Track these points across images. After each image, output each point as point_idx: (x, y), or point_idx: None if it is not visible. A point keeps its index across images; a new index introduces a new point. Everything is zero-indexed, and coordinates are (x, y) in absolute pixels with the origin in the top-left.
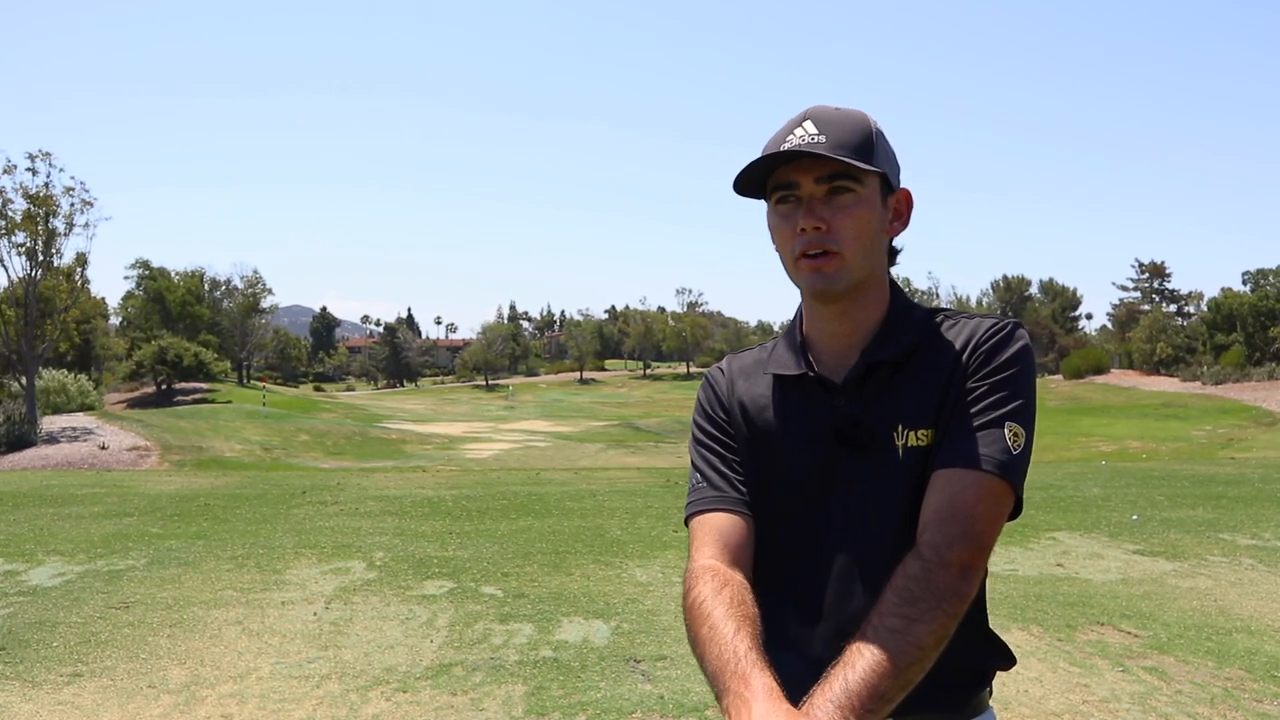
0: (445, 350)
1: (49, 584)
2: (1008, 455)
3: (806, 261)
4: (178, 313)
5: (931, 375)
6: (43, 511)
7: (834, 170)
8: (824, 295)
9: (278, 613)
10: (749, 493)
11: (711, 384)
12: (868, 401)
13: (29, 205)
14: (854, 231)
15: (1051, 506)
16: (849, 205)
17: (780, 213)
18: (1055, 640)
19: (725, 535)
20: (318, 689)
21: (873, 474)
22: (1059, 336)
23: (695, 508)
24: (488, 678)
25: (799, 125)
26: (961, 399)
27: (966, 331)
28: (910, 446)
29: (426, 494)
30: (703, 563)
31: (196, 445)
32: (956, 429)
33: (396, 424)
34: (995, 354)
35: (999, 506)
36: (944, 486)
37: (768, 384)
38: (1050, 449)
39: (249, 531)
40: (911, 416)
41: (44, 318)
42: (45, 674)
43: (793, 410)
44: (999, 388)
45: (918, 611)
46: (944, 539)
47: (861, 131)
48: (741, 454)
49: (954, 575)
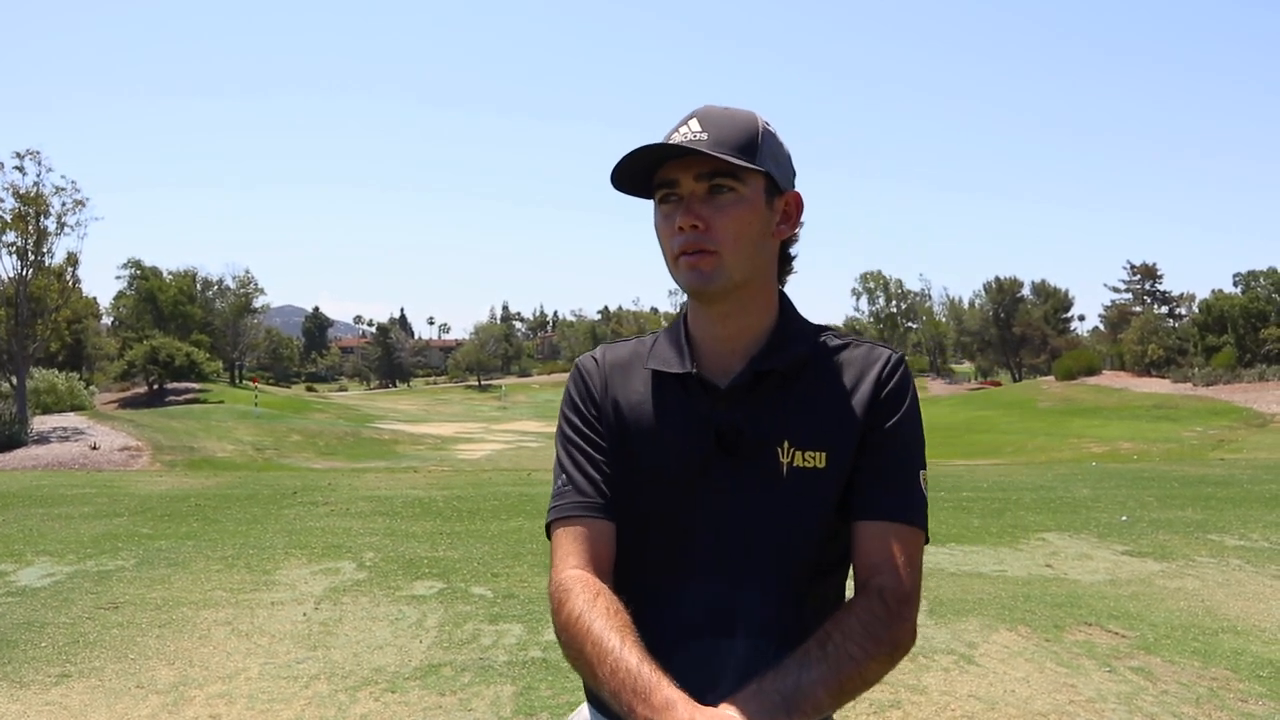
0: (438, 350)
1: (38, 584)
2: (925, 506)
3: (685, 260)
4: (169, 312)
5: (824, 396)
6: (32, 512)
7: (713, 168)
8: (701, 294)
9: (267, 613)
10: (616, 493)
11: (583, 375)
12: (753, 410)
13: (19, 204)
14: (733, 231)
15: (1041, 507)
16: (728, 205)
17: (662, 211)
18: (1043, 640)
19: (590, 544)
20: (306, 689)
21: (751, 486)
22: (1051, 338)
23: (559, 514)
24: (476, 678)
25: (684, 124)
26: (875, 442)
27: (861, 359)
28: (796, 466)
29: (417, 494)
30: (569, 574)
31: (188, 445)
32: (881, 478)
33: (389, 424)
34: (902, 396)
35: (921, 555)
36: (884, 536)
37: (645, 380)
38: (1042, 450)
39: (239, 532)
40: (800, 435)
41: (35, 317)
42: (33, 674)
43: (670, 409)
44: (909, 435)
45: (878, 650)
46: (902, 593)
47: (746, 130)
48: (611, 452)
49: (908, 632)
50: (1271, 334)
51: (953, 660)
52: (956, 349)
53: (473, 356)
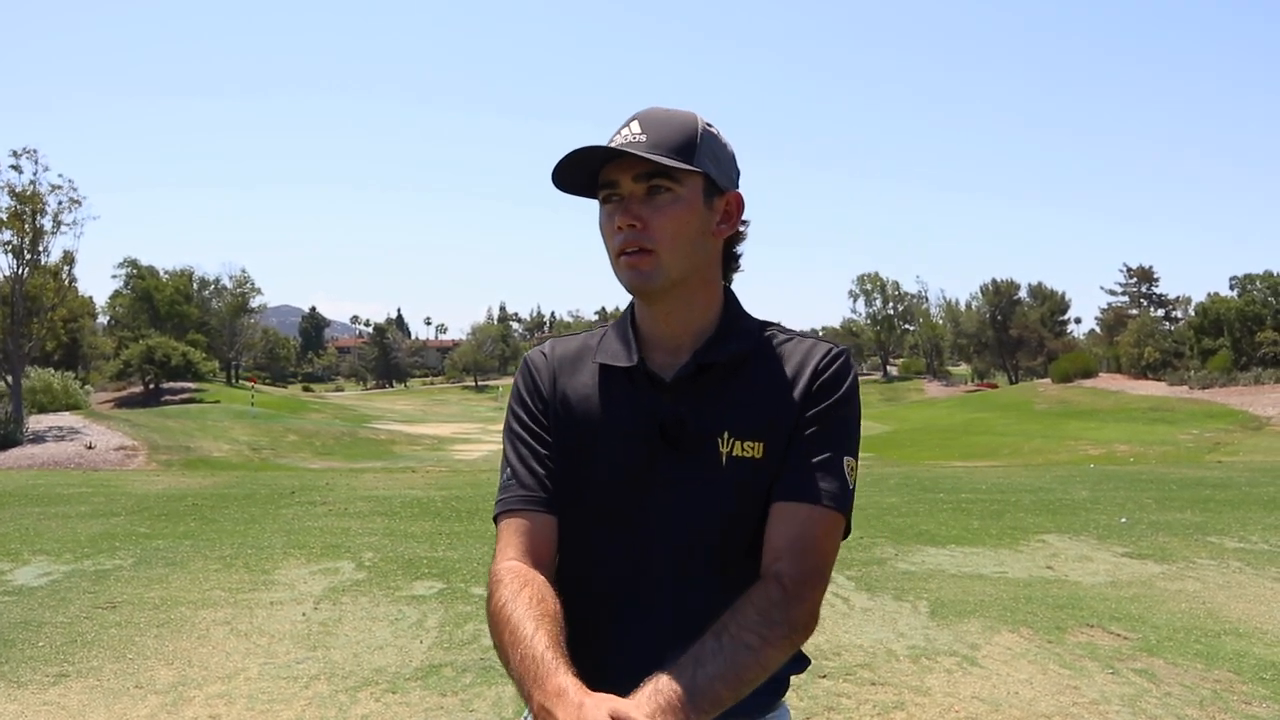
0: (435, 351)
1: (35, 583)
2: (846, 491)
3: (626, 259)
4: (166, 312)
5: (763, 388)
6: (29, 511)
7: (649, 169)
8: (641, 292)
9: (266, 613)
10: (564, 487)
11: (531, 370)
12: (696, 403)
13: (15, 203)
14: (670, 231)
15: (1040, 509)
16: (665, 204)
17: (605, 211)
18: (1045, 642)
19: (530, 537)
20: (306, 690)
21: (694, 477)
22: (1047, 340)
23: (502, 507)
24: (478, 679)
25: (625, 126)
26: (802, 429)
27: (801, 353)
28: (735, 456)
29: (416, 494)
30: (504, 564)
31: (184, 445)
32: (800, 462)
33: (385, 424)
34: (834, 386)
35: (837, 540)
36: (792, 518)
37: (593, 373)
38: (1038, 452)
39: (237, 532)
40: (739, 425)
41: (31, 316)
42: (31, 674)
43: (617, 403)
44: (839, 422)
45: (775, 636)
46: (801, 574)
47: (684, 132)
48: (557, 446)
49: (807, 612)
50: (1267, 337)
51: (955, 662)
52: (953, 351)
53: (470, 357)
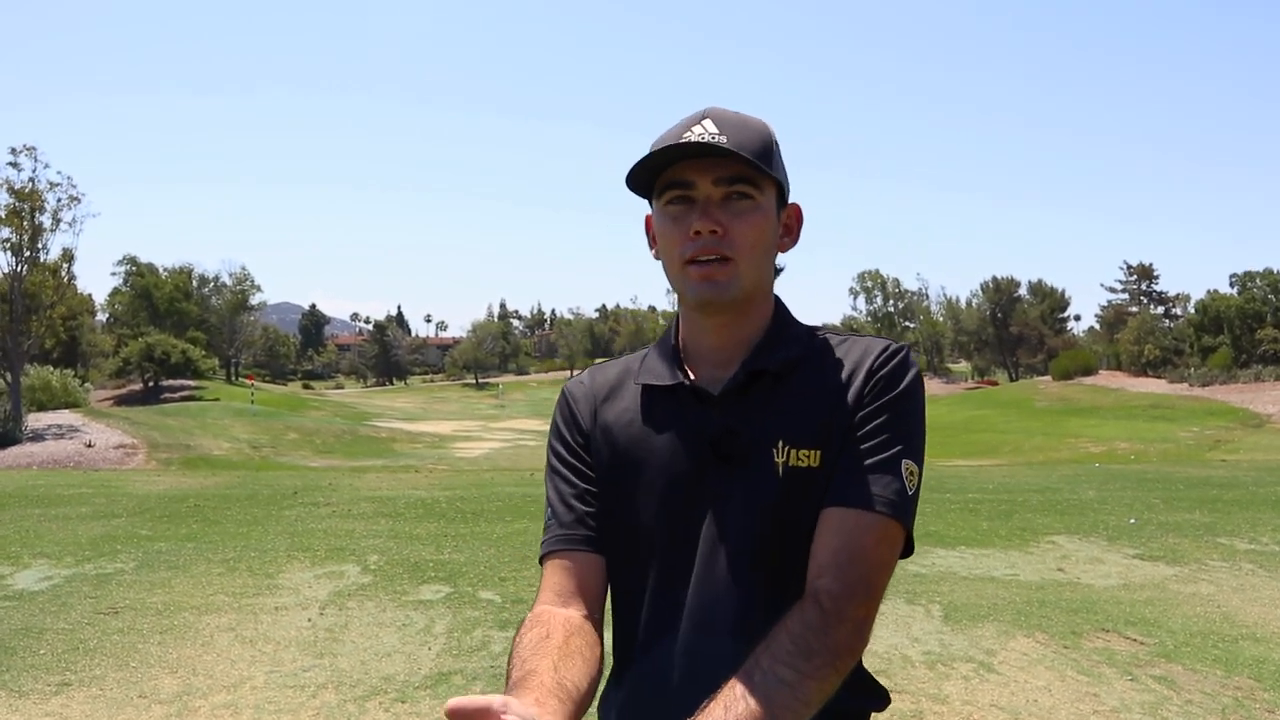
0: (435, 348)
1: (35, 588)
2: (903, 497)
3: (697, 268)
4: (165, 309)
5: (817, 392)
6: (28, 512)
7: (735, 173)
8: (711, 305)
9: (271, 619)
10: (611, 518)
11: (569, 401)
12: (746, 413)
13: (14, 200)
14: (750, 240)
15: (1049, 509)
16: (747, 212)
17: (670, 214)
18: (1061, 648)
19: (567, 577)
20: (314, 699)
21: (747, 492)
22: (1047, 337)
23: (545, 549)
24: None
25: (697, 123)
26: (855, 430)
27: (857, 352)
28: (791, 466)
29: (419, 495)
30: (533, 612)
31: (184, 443)
32: (851, 464)
33: (386, 422)
34: (892, 383)
35: (893, 551)
36: (839, 527)
37: (635, 396)
38: (1039, 450)
39: (240, 534)
40: (794, 434)
41: (30, 314)
42: (32, 683)
43: (662, 422)
44: (895, 422)
45: (812, 667)
46: (843, 589)
47: (762, 137)
48: (601, 478)
49: (850, 632)
50: (1267, 334)
51: (972, 668)
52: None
53: (470, 354)
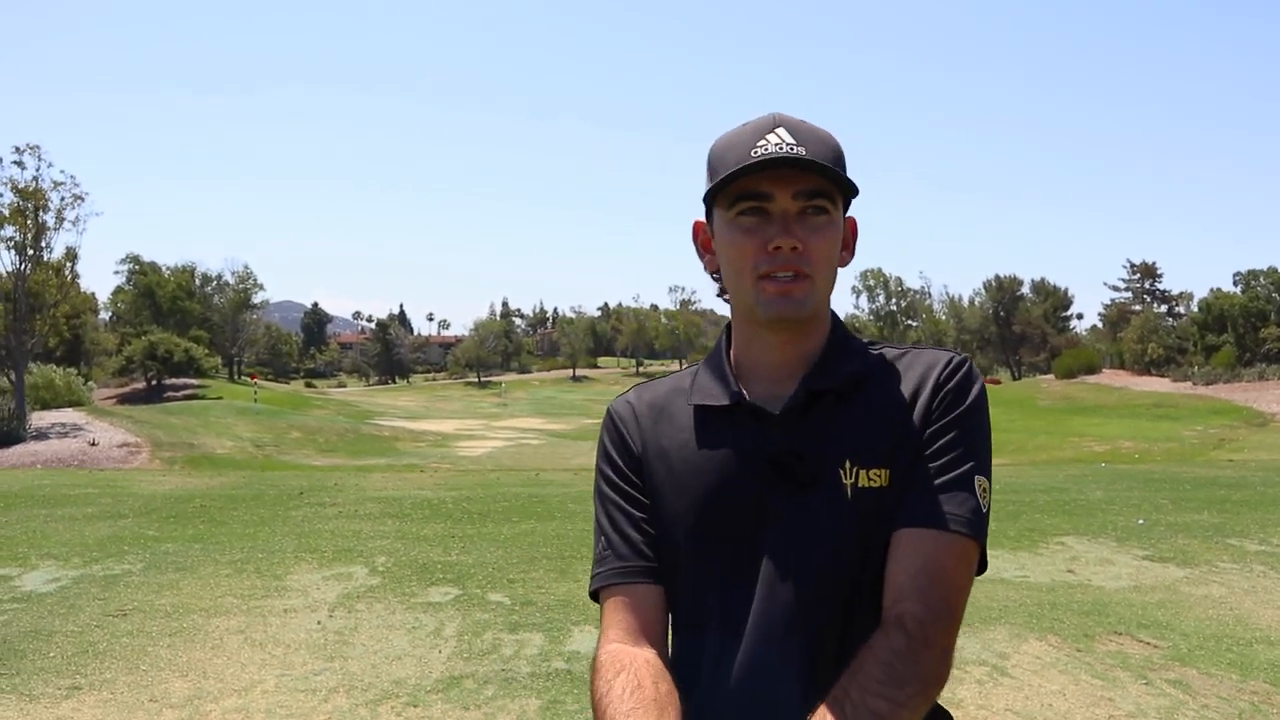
0: (438, 347)
1: (44, 589)
2: (979, 515)
3: (773, 284)
4: (168, 308)
5: (883, 410)
6: (35, 513)
7: (814, 187)
8: (785, 322)
9: (280, 621)
10: (668, 545)
11: (618, 423)
12: (809, 434)
13: (17, 199)
14: (825, 256)
15: (1056, 510)
16: (823, 227)
17: (743, 226)
18: (1074, 651)
19: (633, 613)
20: (325, 703)
21: (813, 515)
22: (1050, 336)
23: (601, 582)
24: (500, 691)
25: (770, 132)
26: (926, 447)
27: (921, 366)
28: (861, 487)
29: (426, 495)
30: (604, 651)
31: (187, 442)
32: (924, 483)
33: (389, 421)
34: (960, 397)
35: (971, 572)
36: (918, 548)
37: (689, 416)
38: (1043, 449)
39: (247, 534)
40: (862, 453)
41: (33, 313)
42: (42, 687)
43: (719, 443)
44: (965, 437)
45: (905, 696)
46: (928, 613)
47: (835, 149)
48: (654, 503)
49: (937, 658)
50: (1271, 333)
51: (985, 672)
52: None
53: (472, 353)
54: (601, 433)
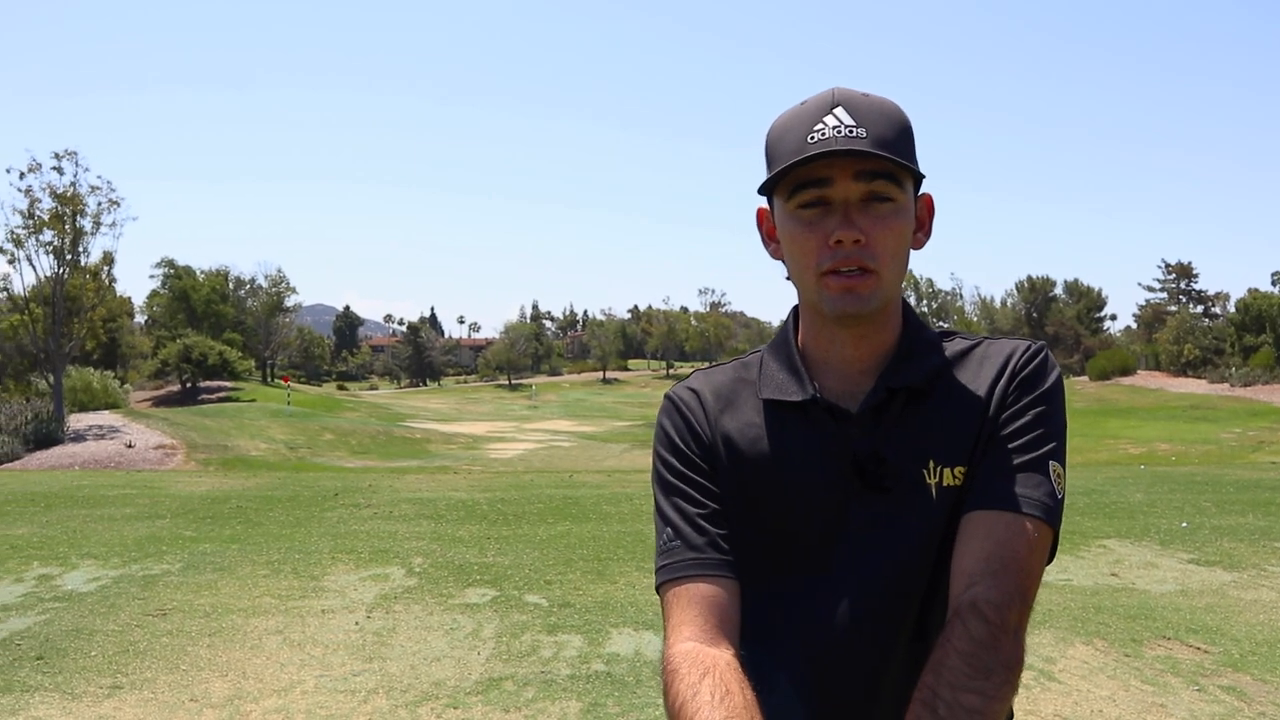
0: (468, 349)
1: (84, 589)
2: (1054, 499)
3: (837, 279)
4: (202, 311)
5: (963, 405)
6: (75, 513)
7: (876, 167)
8: (851, 319)
9: (318, 622)
10: (733, 547)
11: (682, 409)
12: (889, 434)
13: (56, 204)
14: (892, 247)
15: (1097, 513)
16: (888, 215)
17: (803, 218)
18: (1123, 656)
19: (708, 610)
20: (365, 704)
21: (898, 518)
22: (1084, 337)
23: (670, 574)
24: (540, 693)
25: (827, 113)
26: (999, 431)
27: (998, 355)
28: (945, 486)
29: (460, 497)
30: (679, 649)
31: (222, 444)
32: (998, 465)
33: (420, 423)
34: (1035, 383)
35: (1044, 555)
36: (990, 532)
37: (757, 410)
38: (1077, 451)
39: (283, 535)
40: (946, 452)
41: (71, 316)
42: (84, 685)
43: (794, 442)
44: (1041, 422)
45: (993, 686)
46: (1003, 596)
47: (900, 124)
48: (726, 497)
49: (1014, 641)
50: None
51: (1032, 676)
52: None
53: (503, 355)
54: (662, 419)
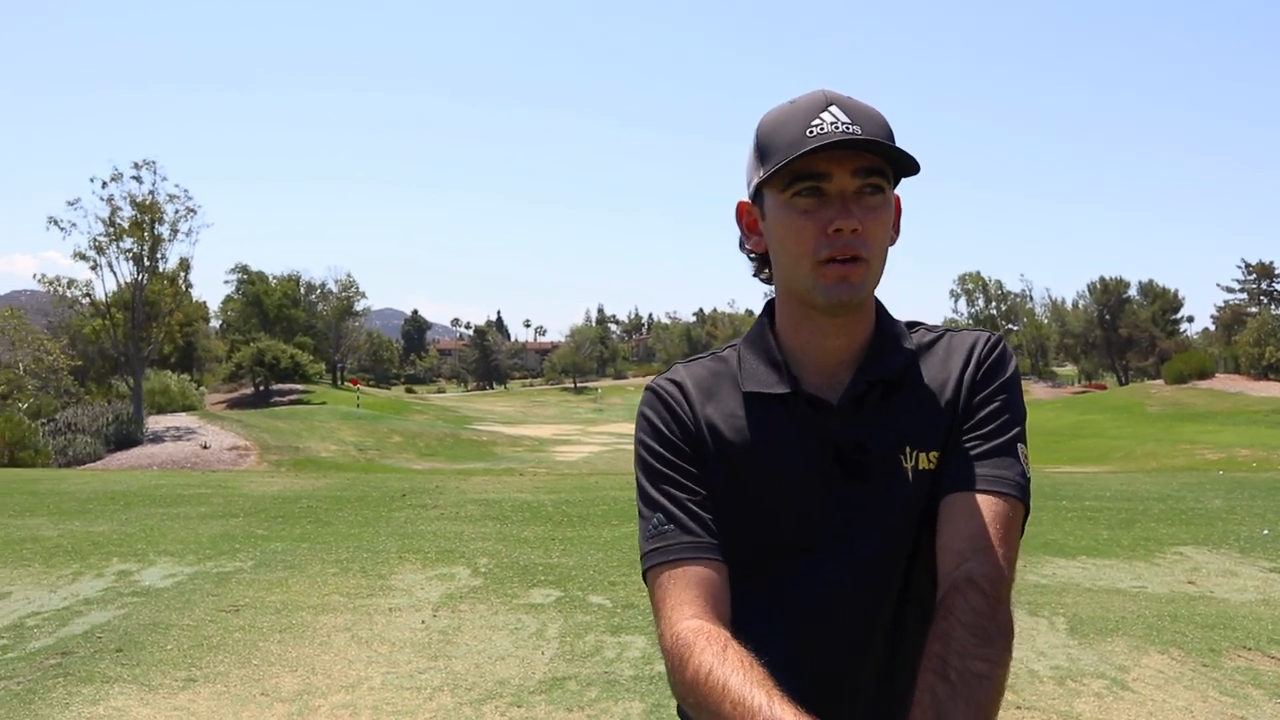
0: (534, 353)
1: (161, 585)
2: (1024, 478)
3: (835, 268)
4: (274, 315)
5: (935, 394)
6: (152, 511)
7: (871, 164)
8: (844, 306)
9: (385, 620)
10: (720, 531)
11: (666, 399)
12: (868, 423)
13: (136, 212)
14: (880, 237)
15: (1173, 519)
16: (878, 208)
17: (799, 207)
18: (1200, 666)
19: (706, 590)
20: (430, 701)
21: (878, 503)
22: (1159, 340)
23: (664, 556)
24: (603, 693)
25: (823, 110)
26: (970, 418)
27: (962, 346)
28: (921, 470)
29: (525, 498)
30: (686, 625)
31: (293, 445)
32: (972, 450)
33: (486, 425)
34: (998, 372)
35: (1019, 534)
36: (973, 512)
37: (738, 402)
38: (1153, 456)
39: (352, 535)
40: (920, 438)
41: (150, 321)
42: (160, 678)
43: (776, 434)
44: (1006, 408)
45: (996, 652)
46: (994, 570)
47: (886, 126)
48: (712, 486)
49: (1007, 611)
50: None
51: (1104, 685)
52: (1059, 351)
53: (568, 359)
54: (644, 409)
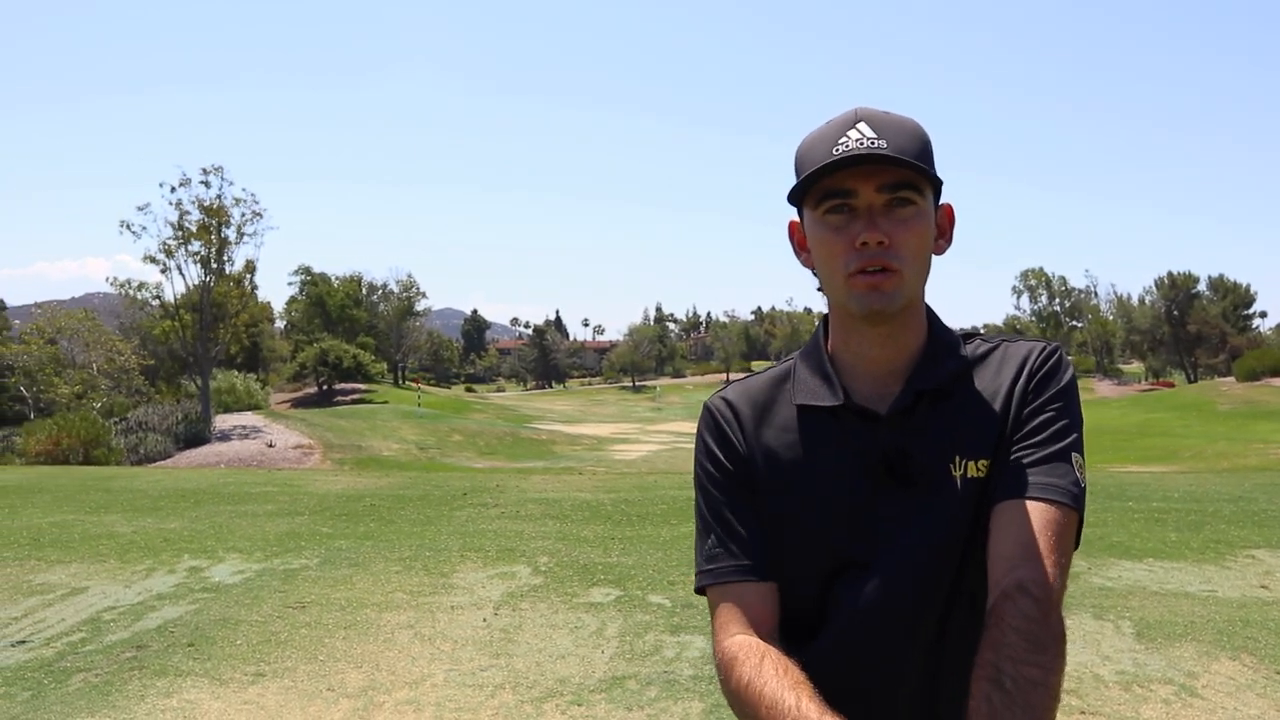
0: (592, 352)
1: (230, 581)
2: (1078, 487)
3: (864, 279)
4: (337, 316)
5: (985, 404)
6: (221, 509)
7: (898, 179)
8: (878, 317)
9: (448, 617)
10: (773, 548)
11: (719, 419)
12: (917, 432)
13: (203, 216)
14: (914, 248)
15: (1245, 521)
16: (910, 219)
17: (830, 224)
18: (1273, 673)
19: (752, 610)
20: (492, 699)
21: (927, 512)
22: (1230, 336)
23: (713, 578)
24: (663, 693)
25: (850, 128)
26: (1022, 426)
27: (1016, 356)
28: (970, 478)
29: (584, 497)
30: (732, 641)
31: (356, 444)
32: (1026, 458)
33: (546, 424)
34: (1052, 380)
35: (1073, 539)
36: (1025, 519)
37: (791, 416)
38: (1223, 456)
39: (414, 533)
40: (969, 446)
41: (217, 322)
42: (230, 672)
43: (827, 446)
44: (1061, 415)
45: (1049, 659)
46: (1046, 577)
47: (919, 138)
48: (762, 503)
49: (1059, 618)
50: None
51: (1172, 691)
52: (1125, 348)
53: (627, 358)
54: (701, 429)
